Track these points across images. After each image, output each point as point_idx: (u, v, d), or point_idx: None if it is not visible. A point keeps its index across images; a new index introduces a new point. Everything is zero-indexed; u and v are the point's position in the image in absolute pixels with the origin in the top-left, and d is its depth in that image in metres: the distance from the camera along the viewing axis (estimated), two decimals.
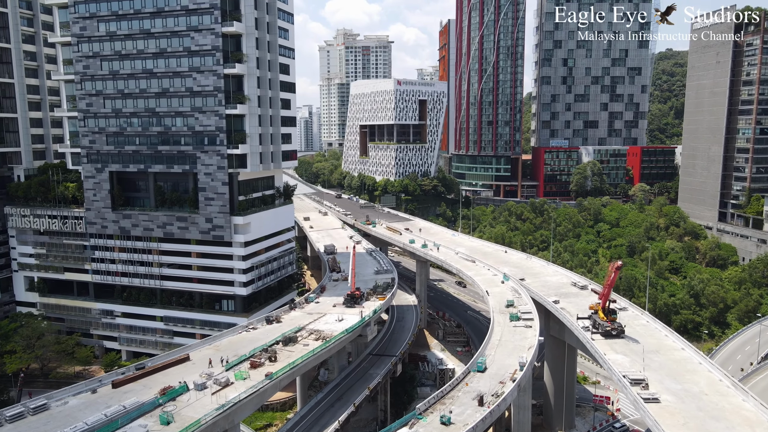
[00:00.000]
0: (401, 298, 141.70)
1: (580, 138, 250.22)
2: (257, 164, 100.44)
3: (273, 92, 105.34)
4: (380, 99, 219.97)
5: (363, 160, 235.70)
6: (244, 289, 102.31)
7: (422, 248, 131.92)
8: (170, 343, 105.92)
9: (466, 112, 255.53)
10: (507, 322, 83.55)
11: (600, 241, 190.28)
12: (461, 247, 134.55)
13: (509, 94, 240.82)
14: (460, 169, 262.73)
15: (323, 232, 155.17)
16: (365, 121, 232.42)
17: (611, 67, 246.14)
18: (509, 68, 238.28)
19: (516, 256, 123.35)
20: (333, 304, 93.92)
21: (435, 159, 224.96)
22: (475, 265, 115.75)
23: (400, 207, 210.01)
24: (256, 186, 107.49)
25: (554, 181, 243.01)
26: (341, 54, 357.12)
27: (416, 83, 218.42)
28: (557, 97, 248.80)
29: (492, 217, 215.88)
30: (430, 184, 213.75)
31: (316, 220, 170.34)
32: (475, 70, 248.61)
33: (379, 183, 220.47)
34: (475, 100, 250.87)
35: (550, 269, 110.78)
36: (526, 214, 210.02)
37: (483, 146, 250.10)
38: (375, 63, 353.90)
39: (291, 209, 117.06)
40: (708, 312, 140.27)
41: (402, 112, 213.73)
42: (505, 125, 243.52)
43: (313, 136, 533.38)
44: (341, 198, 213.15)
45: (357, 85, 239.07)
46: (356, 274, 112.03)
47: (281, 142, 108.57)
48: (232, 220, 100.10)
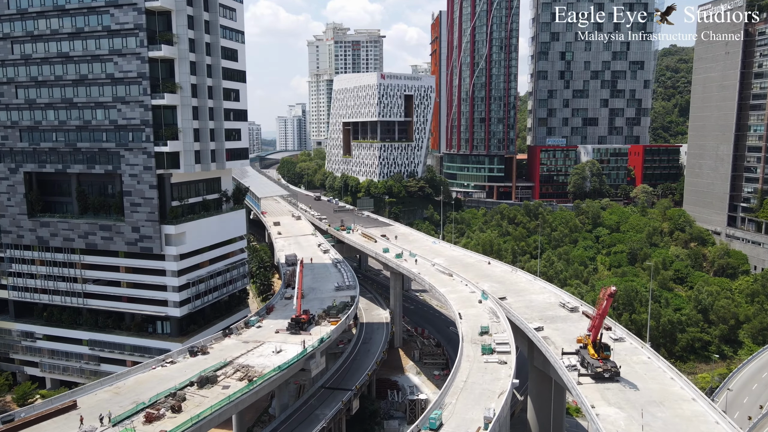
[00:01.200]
0: (373, 313, 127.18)
1: (578, 136, 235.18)
2: (192, 164, 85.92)
3: (214, 80, 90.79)
4: (363, 94, 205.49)
5: (346, 160, 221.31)
6: (178, 310, 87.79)
7: (396, 258, 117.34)
8: (97, 371, 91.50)
9: (458, 108, 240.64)
10: (478, 356, 68.77)
11: (599, 248, 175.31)
12: (440, 257, 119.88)
13: (503, 90, 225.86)
14: (451, 169, 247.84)
15: (291, 239, 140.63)
16: (348, 117, 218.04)
17: (612, 61, 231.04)
18: (503, 62, 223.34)
19: (500, 269, 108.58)
20: (277, 329, 79.32)
21: (422, 158, 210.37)
22: (451, 280, 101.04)
23: (383, 210, 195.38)
24: (196, 189, 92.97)
25: (551, 182, 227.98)
26: (330, 49, 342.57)
27: (401, 77, 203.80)
28: (554, 92, 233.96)
29: (483, 221, 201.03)
30: (416, 186, 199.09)
31: (287, 226, 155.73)
32: (467, 64, 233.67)
33: (362, 184, 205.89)
34: (466, 96, 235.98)
35: (537, 285, 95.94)
36: (520, 217, 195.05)
37: (475, 145, 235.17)
38: (366, 58, 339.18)
39: (242, 215, 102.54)
40: (718, 329, 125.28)
41: (386, 108, 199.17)
42: (499, 122, 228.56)
43: (306, 136, 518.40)
44: (320, 200, 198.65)
45: (340, 80, 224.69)
46: (314, 291, 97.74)
47: (226, 138, 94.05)
48: (163, 229, 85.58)
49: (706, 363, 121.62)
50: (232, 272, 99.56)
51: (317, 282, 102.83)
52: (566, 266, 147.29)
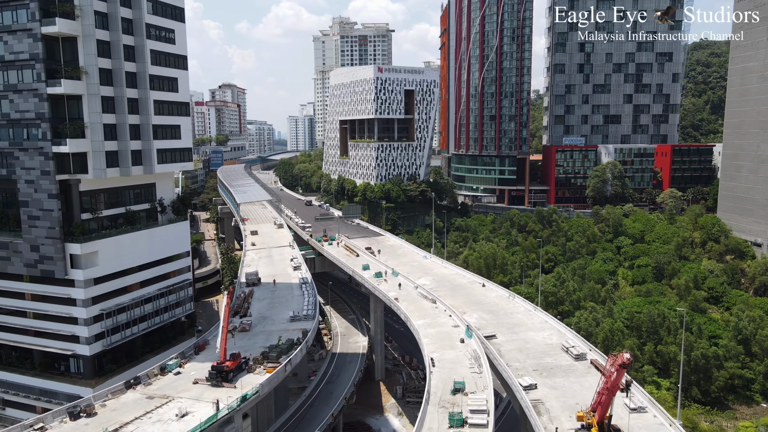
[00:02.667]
0: (350, 340, 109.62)
1: (599, 135, 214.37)
2: (103, 168, 69.60)
3: (138, 65, 74.47)
4: (360, 89, 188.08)
5: (343, 161, 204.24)
6: (87, 347, 71.46)
7: (375, 277, 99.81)
8: (1, 416, 75.82)
9: (466, 105, 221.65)
10: (443, 429, 50.74)
11: (620, 260, 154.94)
12: (429, 276, 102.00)
13: (514, 84, 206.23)
14: (459, 171, 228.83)
15: (264, 251, 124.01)
16: (345, 115, 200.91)
17: (637, 53, 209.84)
18: (514, 53, 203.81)
19: (495, 294, 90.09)
20: (197, 378, 62.28)
21: (425, 160, 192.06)
22: (434, 308, 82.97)
23: (380, 216, 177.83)
24: (118, 199, 76.63)
25: (568, 185, 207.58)
26: (337, 44, 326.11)
27: (401, 70, 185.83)
28: (573, 87, 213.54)
29: (491, 228, 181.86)
30: (417, 190, 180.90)
31: (265, 236, 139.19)
32: (476, 57, 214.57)
33: (359, 187, 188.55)
34: (475, 92, 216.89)
35: (537, 318, 77.30)
36: (531, 225, 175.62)
37: (485, 145, 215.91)
38: (373, 53, 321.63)
39: (184, 228, 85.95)
40: (762, 365, 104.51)
41: (384, 105, 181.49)
42: (510, 120, 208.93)
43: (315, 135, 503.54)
44: (311, 205, 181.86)
45: (336, 74, 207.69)
46: (264, 321, 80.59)
47: (157, 136, 77.70)
48: (67, 248, 69.33)
49: (749, 405, 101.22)
50: (169, 297, 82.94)
51: (273, 309, 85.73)
52: (580, 284, 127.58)
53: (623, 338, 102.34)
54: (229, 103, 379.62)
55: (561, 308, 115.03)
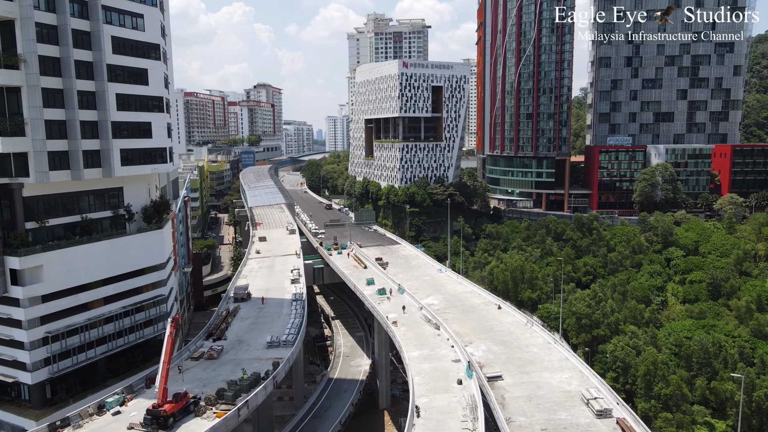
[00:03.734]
0: (352, 363, 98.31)
1: (648, 134, 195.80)
2: (45, 170, 60.68)
3: (95, 54, 65.43)
4: (384, 86, 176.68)
5: (368, 162, 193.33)
6: (29, 375, 62.79)
7: (378, 294, 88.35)
8: None
9: (501, 102, 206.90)
10: None
11: (669, 274, 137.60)
12: (439, 293, 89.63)
13: (553, 80, 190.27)
14: (493, 173, 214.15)
15: (267, 261, 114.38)
16: (370, 114, 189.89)
17: (693, 43, 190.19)
18: (554, 46, 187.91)
19: (511, 319, 76.82)
20: (132, 423, 52.31)
21: (454, 161, 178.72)
22: (435, 335, 70.73)
23: (404, 222, 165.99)
24: (74, 206, 67.87)
25: (612, 189, 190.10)
26: (371, 42, 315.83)
27: (428, 65, 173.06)
28: (619, 83, 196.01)
29: (525, 236, 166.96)
30: (444, 193, 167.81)
31: (273, 242, 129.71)
32: (512, 51, 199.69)
33: (383, 191, 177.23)
34: (511, 88, 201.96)
35: (556, 354, 63.85)
36: (569, 233, 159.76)
37: (521, 145, 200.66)
38: (408, 50, 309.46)
39: (158, 238, 76.59)
40: None
41: (410, 102, 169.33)
42: (549, 119, 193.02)
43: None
44: (332, 209, 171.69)
45: (361, 71, 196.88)
46: (239, 346, 70.30)
47: (121, 134, 68.64)
48: (5, 261, 60.79)
49: None
50: (136, 315, 73.74)
51: (253, 331, 75.40)
52: (620, 303, 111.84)
53: (668, 372, 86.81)
54: (263, 103, 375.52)
55: (596, 332, 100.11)
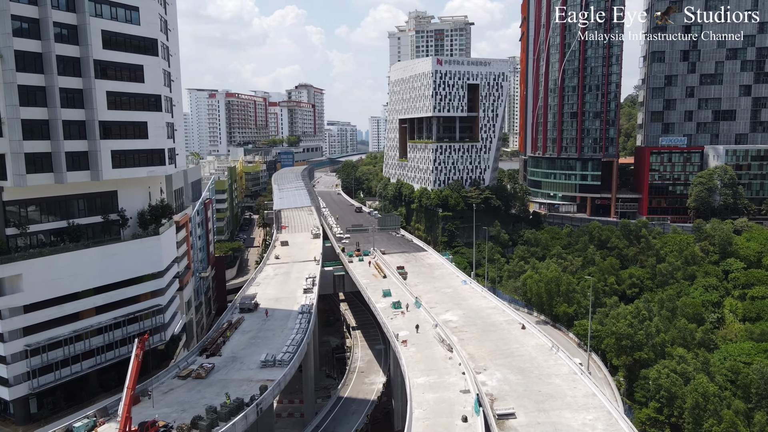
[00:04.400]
0: (366, 379, 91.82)
1: (706, 134, 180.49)
2: (22, 173, 56.90)
3: (82, 49, 61.41)
4: (418, 85, 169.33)
5: (402, 164, 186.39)
6: (7, 390, 59.25)
7: (392, 308, 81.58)
8: None
9: (544, 101, 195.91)
10: None
11: (728, 288, 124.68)
12: (459, 308, 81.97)
13: (600, 76, 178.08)
14: (535, 175, 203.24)
15: (285, 267, 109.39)
16: (404, 113, 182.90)
17: (758, 35, 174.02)
18: (600, 40, 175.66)
19: (534, 342, 68.38)
20: None
21: (491, 163, 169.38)
22: (446, 359, 63.38)
23: (436, 226, 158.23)
24: (62, 210, 64.15)
25: (664, 193, 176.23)
26: (412, 40, 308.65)
27: (464, 62, 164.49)
28: (674, 78, 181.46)
29: (566, 242, 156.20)
30: (479, 197, 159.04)
31: (295, 247, 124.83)
32: (556, 46, 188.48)
33: (416, 193, 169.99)
34: (555, 86, 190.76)
35: (581, 389, 55.21)
36: (614, 240, 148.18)
37: (564, 146, 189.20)
38: (450, 48, 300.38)
39: (155, 244, 72.22)
40: None
41: (444, 101, 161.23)
42: (595, 118, 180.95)
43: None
44: (361, 212, 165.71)
45: (396, 69, 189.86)
46: (233, 363, 65.05)
47: (113, 135, 64.57)
48: None
49: None
50: (129, 327, 69.50)
51: (252, 346, 70.00)
52: (668, 322, 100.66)
53: (721, 405, 76.06)
54: (303, 103, 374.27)
55: (638, 355, 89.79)
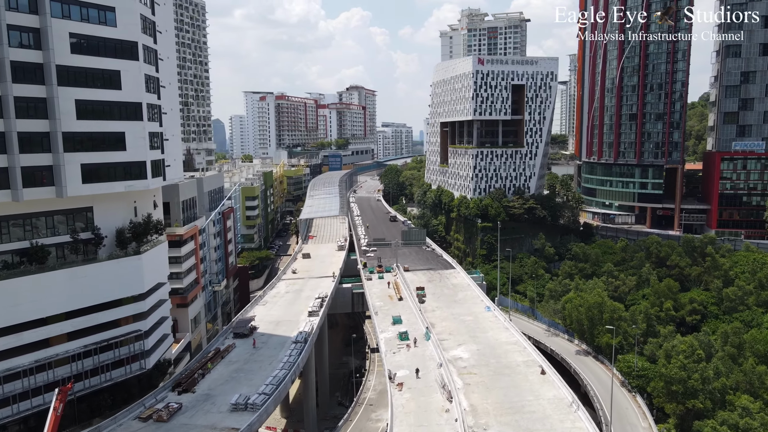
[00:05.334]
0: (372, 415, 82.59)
1: None
2: None
3: (45, 54, 56.18)
4: (459, 86, 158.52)
5: (443, 170, 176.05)
6: None
7: (399, 339, 72.62)
8: None
9: (600, 101, 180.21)
10: None
11: None
12: (474, 342, 71.93)
13: (664, 74, 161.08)
14: (589, 182, 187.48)
15: (299, 284, 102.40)
16: (445, 116, 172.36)
17: None
18: (664, 33, 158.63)
19: (551, 395, 57.26)
20: None
21: (537, 169, 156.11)
22: (443, 411, 53.95)
23: (475, 238, 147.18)
24: (27, 228, 59.23)
25: (737, 204, 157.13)
26: (464, 39, 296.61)
27: (508, 61, 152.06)
28: (752, 75, 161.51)
29: (619, 258, 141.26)
30: (523, 207, 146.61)
31: (316, 260, 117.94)
32: (614, 42, 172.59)
33: (455, 201, 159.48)
34: (612, 85, 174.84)
35: None
36: (675, 258, 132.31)
37: (622, 151, 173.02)
38: (504, 47, 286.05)
39: (136, 265, 66.50)
40: None
41: (485, 103, 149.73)
42: (657, 120, 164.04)
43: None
44: (395, 221, 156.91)
45: (438, 70, 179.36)
46: (207, 401, 58.17)
47: (80, 147, 59.14)
48: None
49: None
50: (100, 356, 63.98)
51: (233, 381, 62.90)
52: (733, 362, 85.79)
53: None
54: (353, 105, 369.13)
55: (691, 404, 76.19)
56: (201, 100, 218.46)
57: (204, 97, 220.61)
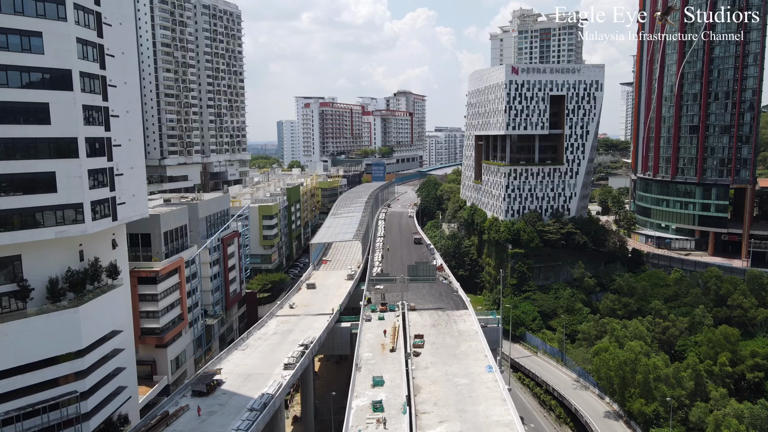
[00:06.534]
0: None
1: None
2: None
3: None
4: (492, 98, 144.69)
5: (477, 186, 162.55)
6: None
7: (371, 410, 61.93)
8: None
9: (657, 111, 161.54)
10: None
11: None
12: (460, 420, 60.46)
13: (731, 81, 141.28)
14: (644, 201, 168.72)
15: (292, 322, 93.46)
16: (479, 129, 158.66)
17: None
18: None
19: None
20: None
21: (578, 189, 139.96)
22: None
23: (505, 264, 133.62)
24: None
25: None
26: (515, 41, 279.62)
27: (546, 70, 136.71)
28: None
29: (672, 292, 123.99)
30: (559, 232, 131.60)
31: (320, 292, 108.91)
32: (673, 45, 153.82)
33: (486, 223, 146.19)
34: (671, 93, 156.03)
35: None
36: (737, 297, 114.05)
37: (681, 167, 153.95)
38: (557, 49, 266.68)
39: (72, 319, 59.10)
40: None
41: (519, 117, 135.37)
42: (722, 133, 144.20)
43: None
44: (420, 245, 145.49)
45: (473, 78, 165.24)
46: None
47: None
48: None
49: None
50: (24, 422, 57.03)
51: None
52: None
53: None
54: (398, 112, 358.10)
55: None
56: (235, 110, 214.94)
57: (238, 107, 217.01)
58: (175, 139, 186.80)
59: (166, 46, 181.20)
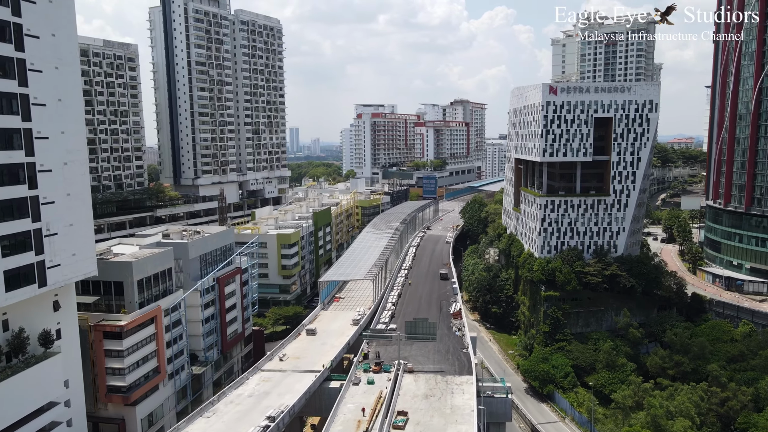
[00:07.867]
0: None
1: None
2: None
3: None
4: (530, 119, 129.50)
5: (516, 215, 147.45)
6: None
7: None
8: None
9: (729, 132, 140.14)
10: None
11: None
12: None
13: None
14: (714, 233, 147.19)
15: (274, 380, 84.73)
16: (518, 152, 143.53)
17: None
18: None
19: None
20: None
21: (627, 224, 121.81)
22: None
23: (538, 307, 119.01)
24: None
25: None
26: (578, 47, 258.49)
27: (589, 89, 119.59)
28: None
29: (736, 352, 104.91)
30: (601, 273, 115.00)
31: (318, 339, 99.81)
32: (750, 54, 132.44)
33: (521, 258, 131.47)
34: (746, 111, 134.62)
35: None
36: None
37: (758, 197, 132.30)
38: (624, 56, 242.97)
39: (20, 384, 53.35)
40: None
41: (557, 142, 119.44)
42: None
43: None
44: (447, 281, 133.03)
45: (514, 95, 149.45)
46: None
47: None
48: None
49: None
50: None
51: None
52: None
53: None
54: (452, 123, 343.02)
55: None
56: (273, 127, 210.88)
57: (278, 124, 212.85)
58: (209, 158, 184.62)
59: (201, 65, 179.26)
